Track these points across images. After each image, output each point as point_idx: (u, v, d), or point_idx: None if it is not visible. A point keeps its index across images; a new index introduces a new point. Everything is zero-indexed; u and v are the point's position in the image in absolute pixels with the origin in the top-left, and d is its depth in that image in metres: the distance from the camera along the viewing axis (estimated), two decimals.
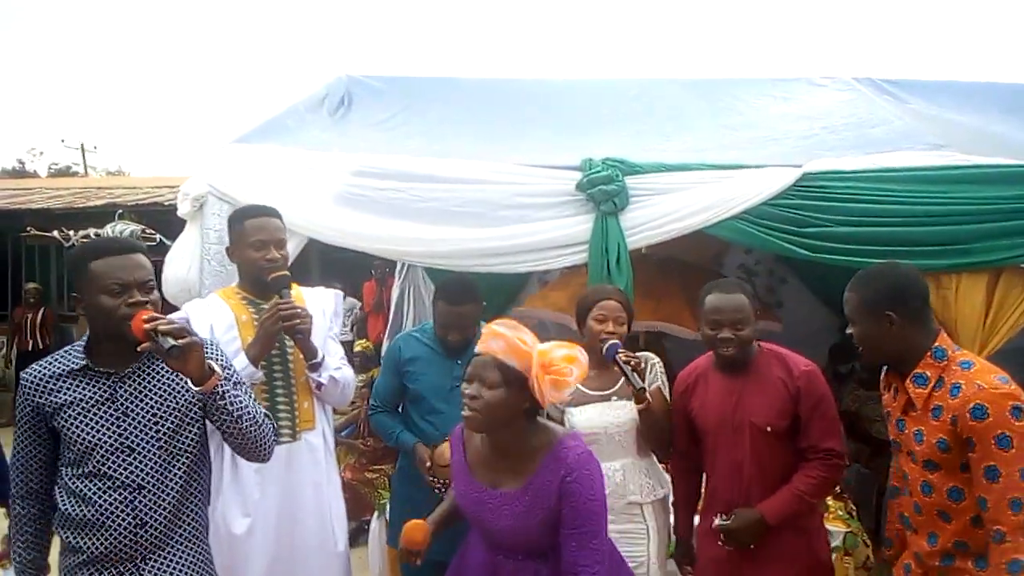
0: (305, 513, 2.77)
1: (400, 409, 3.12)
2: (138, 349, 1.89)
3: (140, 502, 2.00)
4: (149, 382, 2.04)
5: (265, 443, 2.13)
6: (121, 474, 1.99)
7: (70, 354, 2.04)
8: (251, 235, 2.74)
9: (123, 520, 1.98)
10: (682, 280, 4.77)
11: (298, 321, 2.61)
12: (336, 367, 2.82)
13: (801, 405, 2.51)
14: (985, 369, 2.09)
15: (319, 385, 2.77)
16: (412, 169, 3.55)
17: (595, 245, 3.35)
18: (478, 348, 2.05)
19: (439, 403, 2.80)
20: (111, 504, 1.98)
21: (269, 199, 3.49)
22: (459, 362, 2.87)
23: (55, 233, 3.55)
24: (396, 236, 3.53)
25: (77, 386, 2.00)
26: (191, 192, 3.57)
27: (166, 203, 8.77)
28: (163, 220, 4.61)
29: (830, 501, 3.46)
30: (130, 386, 2.02)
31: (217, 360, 2.07)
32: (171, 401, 2.04)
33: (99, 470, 1.98)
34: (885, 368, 2.34)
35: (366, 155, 3.66)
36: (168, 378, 2.05)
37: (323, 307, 2.89)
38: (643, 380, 2.65)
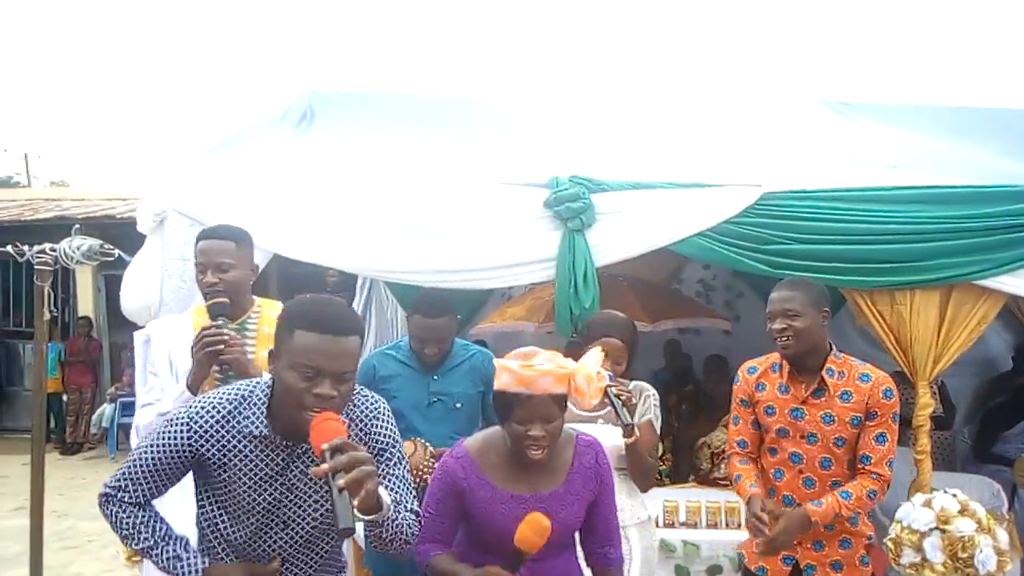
0: None
1: None
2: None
3: (283, 572, 1.91)
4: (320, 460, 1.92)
5: (403, 540, 1.88)
6: (271, 545, 1.89)
7: (249, 410, 1.82)
8: (198, 257, 2.68)
9: None
10: (631, 286, 4.87)
11: (220, 348, 2.48)
12: None
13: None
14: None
15: None
16: (379, 185, 3.54)
17: (562, 262, 3.38)
18: (524, 390, 2.00)
19: (417, 420, 2.78)
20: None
21: (231, 214, 3.45)
22: (435, 377, 2.87)
23: (8, 248, 3.45)
24: (362, 251, 3.51)
25: (253, 453, 1.82)
26: (152, 206, 3.50)
27: (118, 216, 8.60)
28: (116, 234, 4.49)
29: None
30: (302, 462, 1.86)
31: (391, 473, 1.90)
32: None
33: (247, 544, 1.88)
34: (767, 368, 2.72)
35: (332, 171, 3.63)
36: None
37: None
38: (633, 414, 2.63)
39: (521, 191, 3.46)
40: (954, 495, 3.29)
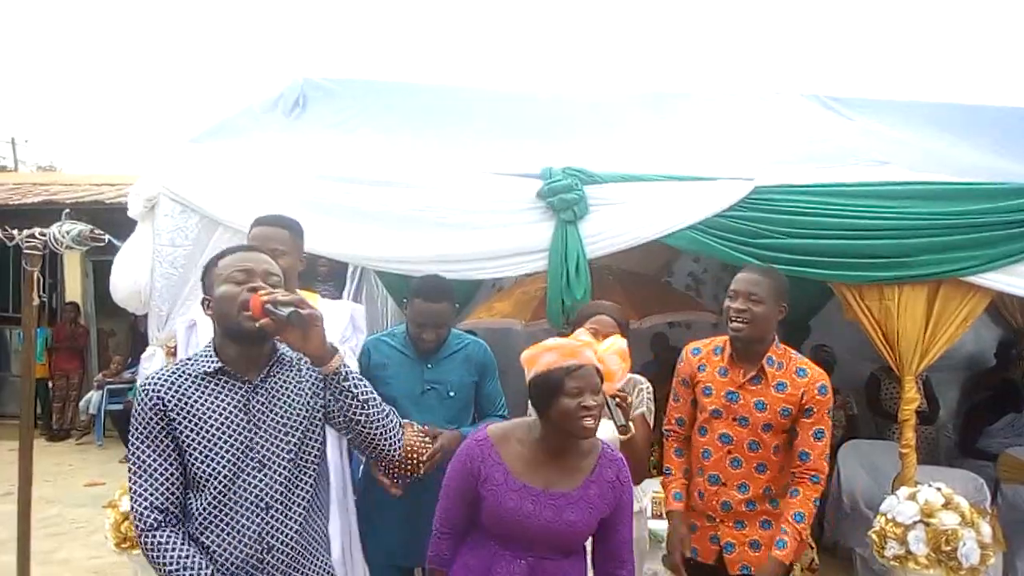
0: None
1: None
2: (258, 325, 1.78)
3: (267, 523, 1.86)
4: (279, 391, 1.92)
5: (393, 430, 1.99)
6: (250, 493, 1.84)
7: (196, 359, 1.91)
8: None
9: (249, 543, 1.84)
10: (619, 280, 4.87)
11: None
12: None
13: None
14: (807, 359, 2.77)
15: None
16: (371, 173, 3.53)
17: (554, 253, 3.39)
18: (573, 361, 2.03)
19: (411, 408, 2.76)
20: (236, 526, 1.83)
21: (222, 200, 3.45)
22: (429, 366, 2.86)
23: None
24: (354, 240, 3.51)
25: (212, 391, 1.86)
26: (143, 192, 3.48)
27: (108, 201, 8.53)
28: (105, 220, 4.46)
29: None
30: (262, 395, 1.90)
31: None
32: (299, 410, 1.92)
33: (226, 488, 1.83)
34: (710, 351, 2.78)
35: (325, 158, 3.62)
36: (295, 385, 1.94)
37: (329, 319, 2.80)
38: (628, 415, 2.60)
39: (514, 181, 3.46)
40: (938, 489, 3.33)
